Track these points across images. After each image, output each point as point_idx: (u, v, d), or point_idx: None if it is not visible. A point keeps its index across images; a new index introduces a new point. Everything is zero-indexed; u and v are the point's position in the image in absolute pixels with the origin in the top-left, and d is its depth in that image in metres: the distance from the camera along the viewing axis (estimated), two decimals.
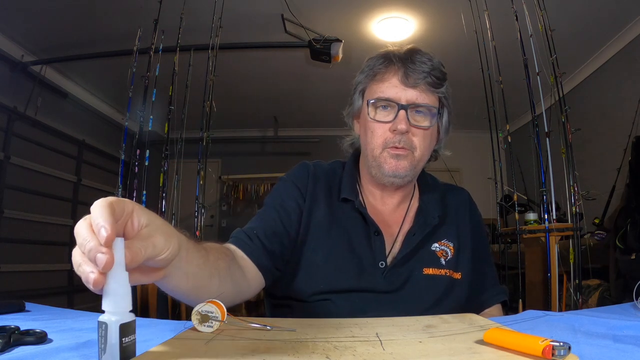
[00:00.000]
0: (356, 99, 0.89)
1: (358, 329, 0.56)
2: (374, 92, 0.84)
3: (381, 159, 0.83)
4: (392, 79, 0.82)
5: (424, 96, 0.81)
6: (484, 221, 0.98)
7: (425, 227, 0.86)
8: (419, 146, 0.82)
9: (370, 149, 0.84)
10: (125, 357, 0.39)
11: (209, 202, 5.30)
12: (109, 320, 0.39)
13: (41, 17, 3.09)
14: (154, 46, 2.77)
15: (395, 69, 0.82)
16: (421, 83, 0.80)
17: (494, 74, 2.76)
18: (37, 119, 3.57)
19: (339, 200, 0.88)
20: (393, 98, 0.81)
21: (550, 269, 2.18)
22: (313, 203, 0.86)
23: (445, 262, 0.85)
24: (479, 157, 3.54)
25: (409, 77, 0.80)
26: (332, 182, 0.91)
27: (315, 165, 0.93)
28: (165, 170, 2.69)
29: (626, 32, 3.25)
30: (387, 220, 0.89)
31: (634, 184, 2.42)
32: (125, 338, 0.39)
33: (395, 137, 0.81)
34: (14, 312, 0.72)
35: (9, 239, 3.29)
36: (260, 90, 4.68)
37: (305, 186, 0.88)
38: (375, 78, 0.84)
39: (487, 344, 0.47)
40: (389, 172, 0.82)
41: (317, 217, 0.85)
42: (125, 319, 0.40)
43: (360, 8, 3.17)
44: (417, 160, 0.83)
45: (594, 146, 3.52)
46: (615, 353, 0.47)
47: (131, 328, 0.40)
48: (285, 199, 0.86)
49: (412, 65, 0.80)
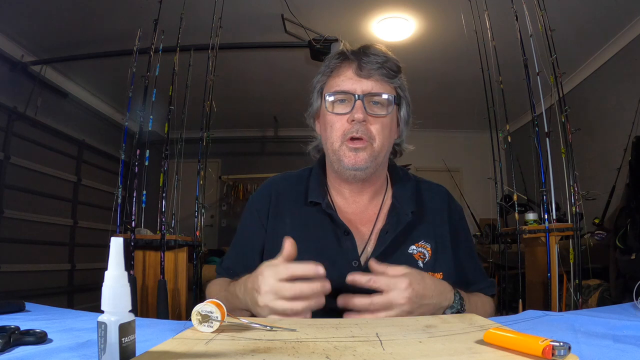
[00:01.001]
0: (315, 99, 0.91)
1: (358, 329, 0.56)
2: (331, 86, 0.86)
3: (340, 153, 0.83)
4: (347, 72, 0.84)
5: (379, 86, 0.83)
6: (464, 215, 0.97)
7: (398, 224, 0.85)
8: (377, 136, 0.83)
9: (330, 142, 0.85)
10: (125, 356, 0.39)
11: (209, 202, 5.30)
12: (108, 320, 0.39)
13: (41, 17, 3.09)
14: (154, 46, 2.77)
15: (349, 62, 0.85)
16: (375, 74, 0.83)
17: (494, 74, 2.76)
18: (37, 119, 3.57)
19: (307, 204, 0.88)
20: (349, 90, 0.83)
21: (550, 269, 2.18)
22: (277, 221, 0.89)
23: (423, 264, 0.84)
24: (479, 157, 3.54)
25: (363, 68, 0.83)
26: (299, 189, 0.92)
27: (281, 178, 0.97)
28: (165, 170, 2.69)
29: (626, 32, 3.25)
30: (358, 219, 0.89)
31: (634, 184, 2.42)
32: (125, 338, 0.39)
33: (354, 127, 0.81)
34: (14, 312, 0.72)
35: (9, 239, 3.29)
36: (260, 90, 4.69)
37: (266, 209, 0.91)
38: (332, 74, 0.87)
39: (487, 344, 0.47)
40: (349, 166, 0.83)
41: (283, 229, 0.86)
42: (124, 319, 0.40)
43: (360, 8, 3.17)
44: (377, 151, 0.83)
45: (594, 146, 3.52)
46: (615, 353, 0.47)
47: (131, 328, 0.40)
48: (248, 226, 0.94)
49: (366, 58, 0.83)
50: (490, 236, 4.17)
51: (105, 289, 0.40)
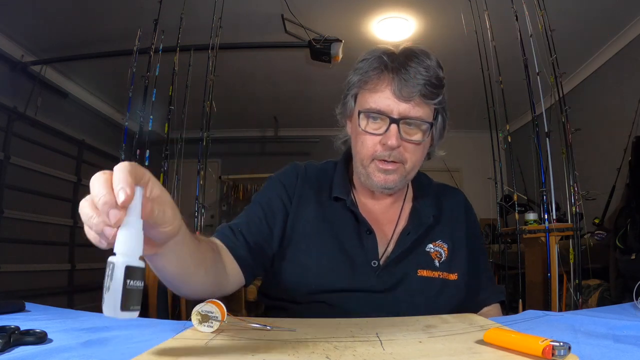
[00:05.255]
0: (349, 101, 0.86)
1: (358, 329, 0.56)
2: (366, 101, 0.80)
3: (369, 170, 0.81)
4: (384, 90, 0.77)
5: (417, 109, 0.77)
6: (479, 222, 0.98)
7: (420, 227, 0.85)
8: (409, 159, 0.80)
9: (360, 158, 0.82)
10: (128, 300, 0.39)
11: (209, 202, 5.30)
12: (116, 261, 0.39)
13: (41, 17, 3.09)
14: (154, 46, 2.77)
15: (389, 79, 0.77)
16: (415, 96, 0.76)
17: (494, 74, 2.76)
18: (37, 119, 3.56)
19: (331, 199, 0.87)
20: (384, 110, 0.77)
21: (550, 269, 2.18)
22: (301, 203, 0.86)
23: (439, 264, 0.84)
24: (479, 157, 3.53)
25: (403, 89, 0.75)
26: (323, 182, 0.90)
27: (306, 166, 0.93)
28: (165, 170, 2.69)
29: (626, 32, 3.25)
30: (380, 219, 0.88)
31: (634, 184, 2.42)
32: (130, 281, 0.39)
33: (385, 150, 0.78)
34: (14, 312, 0.72)
35: (9, 239, 3.29)
36: (260, 90, 4.68)
37: (293, 186, 0.88)
38: (367, 86, 0.80)
39: (487, 344, 0.47)
40: (378, 184, 0.81)
41: (306, 217, 0.85)
42: (133, 263, 0.40)
43: (360, 8, 3.17)
44: (408, 171, 0.81)
45: (594, 146, 3.52)
46: (615, 353, 0.47)
47: (138, 273, 0.40)
48: (271, 197, 0.86)
49: (406, 76, 0.75)
50: (490, 236, 4.18)
51: (120, 231, 0.40)
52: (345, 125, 0.92)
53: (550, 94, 2.44)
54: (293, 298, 0.80)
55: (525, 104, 2.57)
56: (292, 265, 0.82)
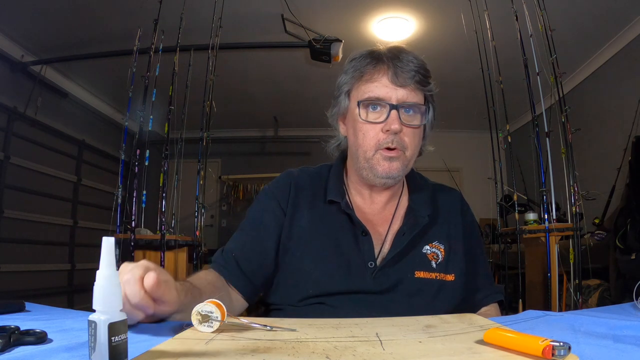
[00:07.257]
0: (342, 100, 0.88)
1: (358, 329, 0.56)
2: (364, 92, 0.82)
3: (374, 161, 0.82)
4: (381, 78, 0.81)
5: (413, 95, 0.81)
6: (477, 221, 0.98)
7: (415, 226, 0.85)
8: (409, 145, 0.82)
9: (363, 151, 0.83)
10: (115, 356, 0.39)
11: (209, 202, 5.30)
12: (98, 319, 0.39)
13: (41, 17, 3.09)
14: (154, 46, 2.77)
15: (385, 69, 0.81)
16: (410, 82, 0.80)
17: (494, 74, 2.76)
18: (37, 119, 3.57)
19: (325, 203, 0.88)
20: (384, 97, 0.80)
21: (550, 269, 2.18)
22: (295, 211, 0.87)
23: (436, 265, 0.84)
24: (479, 157, 3.53)
25: (399, 76, 0.80)
26: (318, 187, 0.91)
27: (300, 172, 0.94)
28: (165, 170, 2.69)
29: (626, 32, 3.25)
30: (375, 220, 0.89)
31: (634, 184, 2.42)
32: (115, 337, 0.39)
33: (389, 137, 0.80)
34: (14, 312, 0.72)
35: (9, 239, 3.29)
36: (260, 90, 4.68)
37: (286, 199, 0.89)
38: (363, 78, 0.83)
39: (487, 344, 0.47)
40: (382, 174, 0.82)
41: (300, 224, 0.86)
42: (115, 318, 0.39)
43: (360, 8, 3.17)
44: (408, 160, 0.84)
45: (594, 146, 3.52)
46: (615, 353, 0.47)
47: (121, 327, 0.40)
48: (264, 213, 0.88)
49: (401, 64, 0.80)
50: (490, 236, 4.18)
51: (96, 288, 0.40)
52: (338, 128, 0.93)
53: (550, 94, 2.44)
54: (292, 303, 0.81)
55: (525, 104, 2.57)
56: (289, 273, 0.83)
